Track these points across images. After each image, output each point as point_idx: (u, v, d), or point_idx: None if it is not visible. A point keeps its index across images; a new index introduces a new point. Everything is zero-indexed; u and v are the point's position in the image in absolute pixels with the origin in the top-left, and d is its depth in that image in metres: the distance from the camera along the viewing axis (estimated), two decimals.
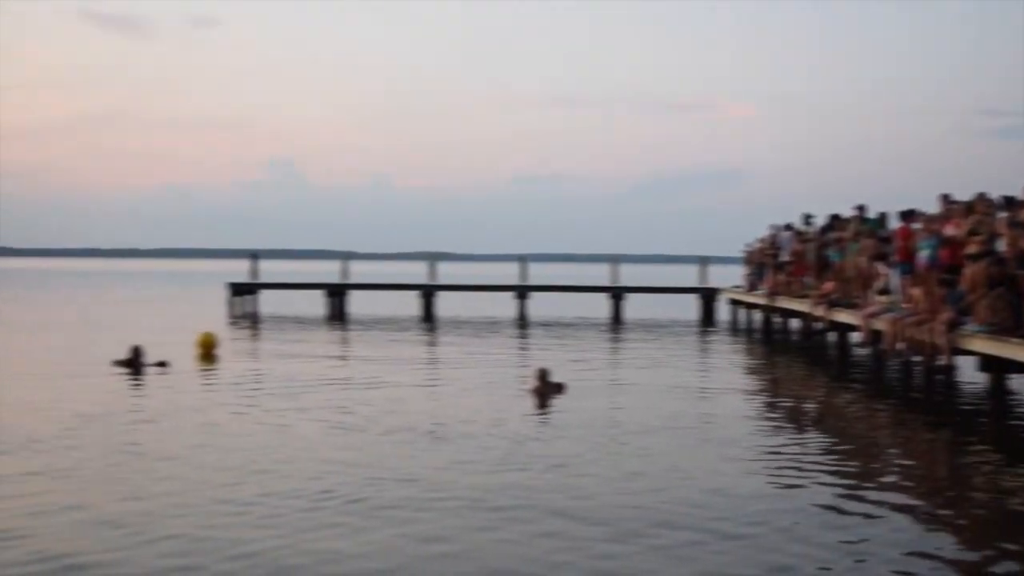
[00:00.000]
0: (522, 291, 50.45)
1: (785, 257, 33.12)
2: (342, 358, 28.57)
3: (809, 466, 13.48)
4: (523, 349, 31.65)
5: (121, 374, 22.69)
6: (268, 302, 52.96)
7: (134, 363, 23.61)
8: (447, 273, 62.85)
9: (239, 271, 59.72)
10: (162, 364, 23.76)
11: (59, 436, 15.03)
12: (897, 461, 14.41)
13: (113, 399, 19.21)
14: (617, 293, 49.36)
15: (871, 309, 22.03)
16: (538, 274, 61.14)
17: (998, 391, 17.50)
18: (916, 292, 20.14)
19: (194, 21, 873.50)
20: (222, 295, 53.12)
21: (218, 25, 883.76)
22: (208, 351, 27.51)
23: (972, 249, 17.85)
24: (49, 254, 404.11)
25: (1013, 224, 17.30)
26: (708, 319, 46.55)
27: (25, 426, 15.86)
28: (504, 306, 50.52)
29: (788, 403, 20.52)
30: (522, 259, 53.59)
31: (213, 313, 46.86)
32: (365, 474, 12.59)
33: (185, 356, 26.12)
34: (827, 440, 15.76)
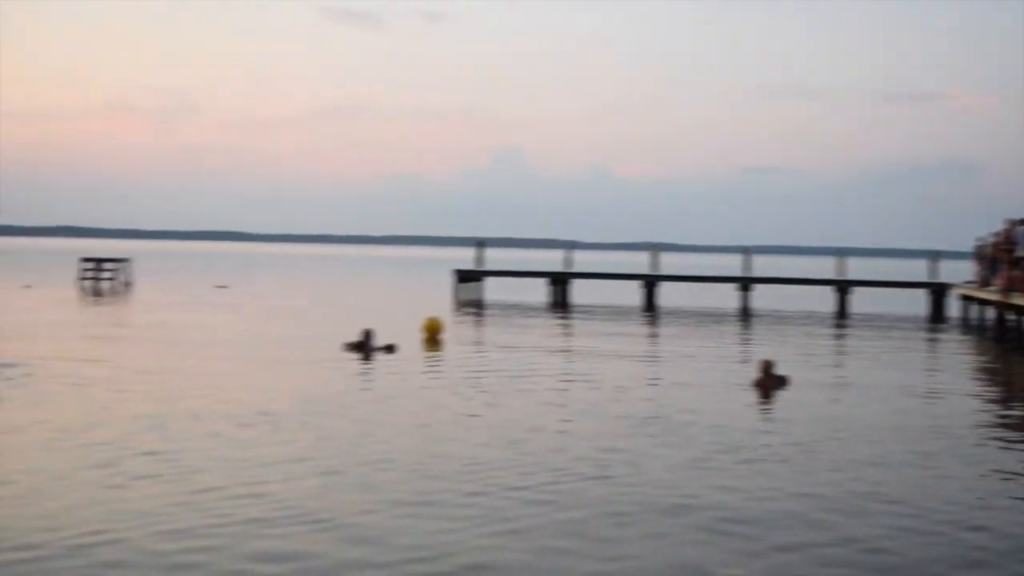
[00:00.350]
0: (745, 283, 49.94)
1: (1021, 252, 31.86)
2: (565, 345, 28.87)
3: None
4: (745, 341, 31.39)
5: (351, 357, 23.53)
6: (493, 289, 53.88)
7: (364, 346, 24.41)
8: (669, 263, 62.67)
9: (465, 258, 60.87)
10: (390, 348, 24.50)
11: (295, 414, 15.80)
12: None
13: (345, 380, 20.01)
14: (843, 287, 48.29)
15: None
16: (762, 266, 60.35)
17: None
18: None
19: (424, 16, 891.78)
20: (448, 282, 54.22)
21: (447, 19, 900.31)
22: (434, 336, 28.20)
23: None
24: (287, 240, 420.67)
25: None
26: (938, 315, 45.07)
27: (263, 404, 16.72)
28: (727, 297, 50.08)
29: (1022, 404, 19.80)
30: (746, 250, 53.01)
31: (439, 299, 47.94)
32: (590, 464, 12.81)
33: (411, 340, 26.85)
34: None
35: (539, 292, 51.88)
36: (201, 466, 12.12)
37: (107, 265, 59.73)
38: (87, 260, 60.16)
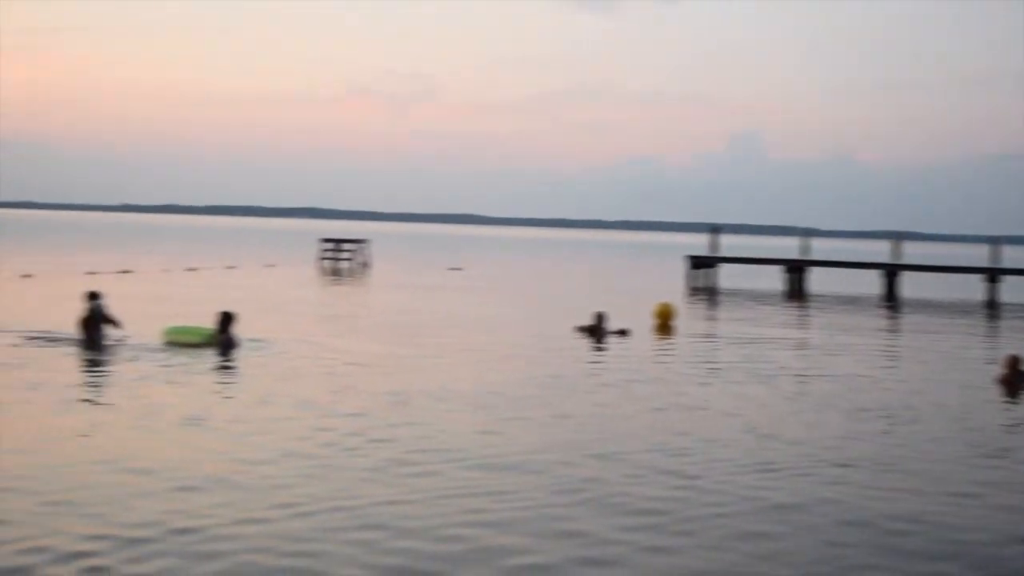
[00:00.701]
0: (993, 274, 47.80)
1: None
2: (800, 335, 28.28)
3: None
4: (992, 335, 30.07)
5: (584, 340, 23.60)
6: (727, 276, 53.21)
7: (596, 330, 24.44)
8: (912, 253, 60.61)
9: (699, 244, 60.27)
10: (623, 332, 24.45)
11: (530, 396, 16.00)
12: None
13: (578, 363, 20.15)
14: None
15: None
16: (1013, 257, 57.65)
17: None
18: None
19: None
20: (681, 268, 53.81)
21: (681, 2, 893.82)
22: (666, 322, 28.00)
23: None
24: (521, 223, 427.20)
25: None
26: None
27: (497, 385, 17.01)
28: (973, 289, 48.10)
29: None
30: (994, 240, 50.77)
31: (672, 285, 47.67)
32: (831, 456, 12.55)
33: (643, 326, 26.72)
34: None
35: (774, 280, 50.91)
36: (441, 442, 12.44)
37: (346, 246, 61.54)
38: (327, 241, 62.15)
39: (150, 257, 59.80)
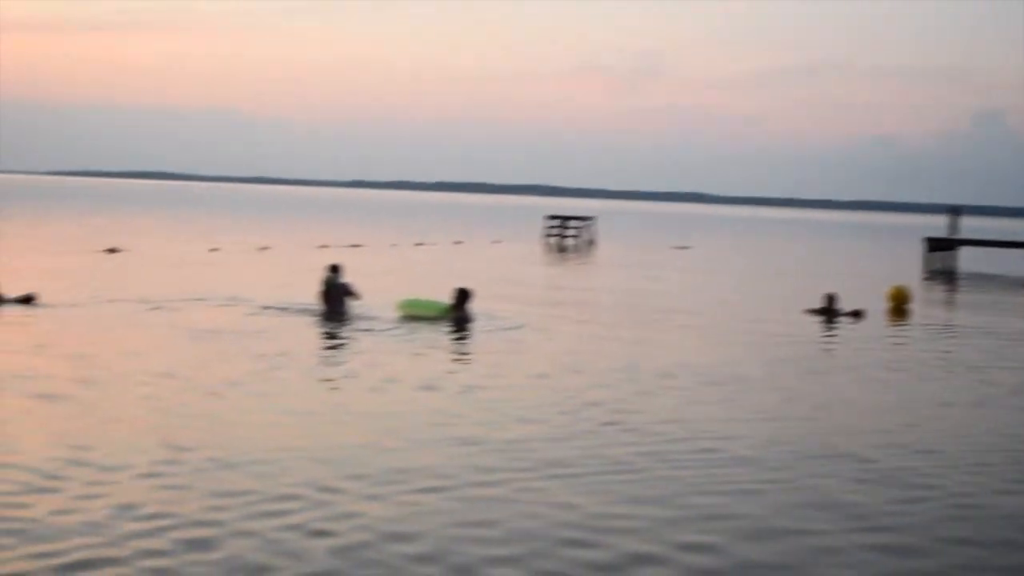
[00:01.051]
0: None
1: None
2: None
3: None
4: None
5: (815, 321, 23.11)
6: (967, 259, 51.23)
7: (828, 311, 23.93)
8: None
9: (937, 226, 58.19)
10: (857, 314, 23.88)
11: (763, 377, 15.85)
12: None
13: (810, 345, 19.90)
14: None
15: None
16: None
17: None
18: None
19: None
20: (918, 250, 52.12)
21: None
22: (900, 305, 27.11)
23: None
24: (749, 203, 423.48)
25: None
26: None
27: (729, 364, 16.90)
28: None
29: None
30: None
31: (907, 267, 46.17)
32: None
33: (876, 309, 25.92)
34: None
35: (1019, 264, 48.71)
36: (673, 416, 12.54)
37: (572, 223, 61.78)
38: (553, 218, 62.53)
39: (380, 232, 61.35)
